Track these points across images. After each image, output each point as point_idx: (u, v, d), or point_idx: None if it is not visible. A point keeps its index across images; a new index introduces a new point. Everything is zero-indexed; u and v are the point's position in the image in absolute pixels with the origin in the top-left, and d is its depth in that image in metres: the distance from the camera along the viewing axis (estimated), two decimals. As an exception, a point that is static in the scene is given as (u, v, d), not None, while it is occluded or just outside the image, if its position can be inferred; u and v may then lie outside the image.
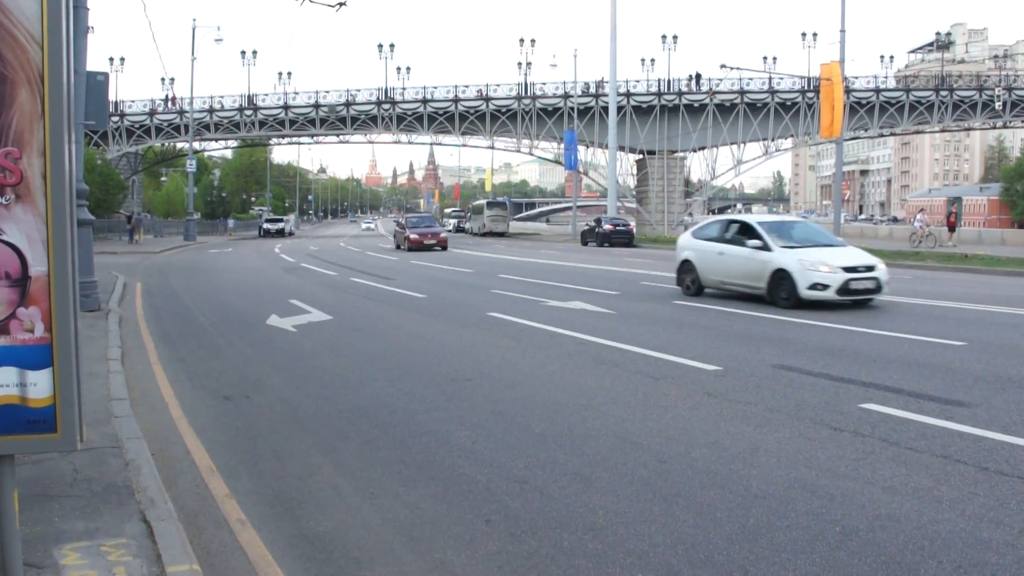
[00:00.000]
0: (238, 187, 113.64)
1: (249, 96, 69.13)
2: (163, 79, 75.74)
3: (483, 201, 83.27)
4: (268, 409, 8.10)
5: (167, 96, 67.89)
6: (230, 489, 5.80)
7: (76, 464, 5.88)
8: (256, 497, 5.68)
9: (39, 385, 3.44)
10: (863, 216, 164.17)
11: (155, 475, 5.71)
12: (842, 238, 21.79)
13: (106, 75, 15.89)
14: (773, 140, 68.62)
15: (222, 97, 69.72)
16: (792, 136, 69.47)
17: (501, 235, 72.51)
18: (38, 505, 5.09)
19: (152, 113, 67.75)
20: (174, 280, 24.41)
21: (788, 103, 67.30)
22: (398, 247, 44.29)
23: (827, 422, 7.16)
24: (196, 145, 68.33)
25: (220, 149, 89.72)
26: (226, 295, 19.81)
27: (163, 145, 75.01)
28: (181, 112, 67.11)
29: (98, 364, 9.56)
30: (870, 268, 15.35)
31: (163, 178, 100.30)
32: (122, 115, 66.34)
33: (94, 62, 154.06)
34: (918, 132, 79.29)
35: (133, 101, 68.82)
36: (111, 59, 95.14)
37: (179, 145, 76.71)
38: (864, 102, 67.59)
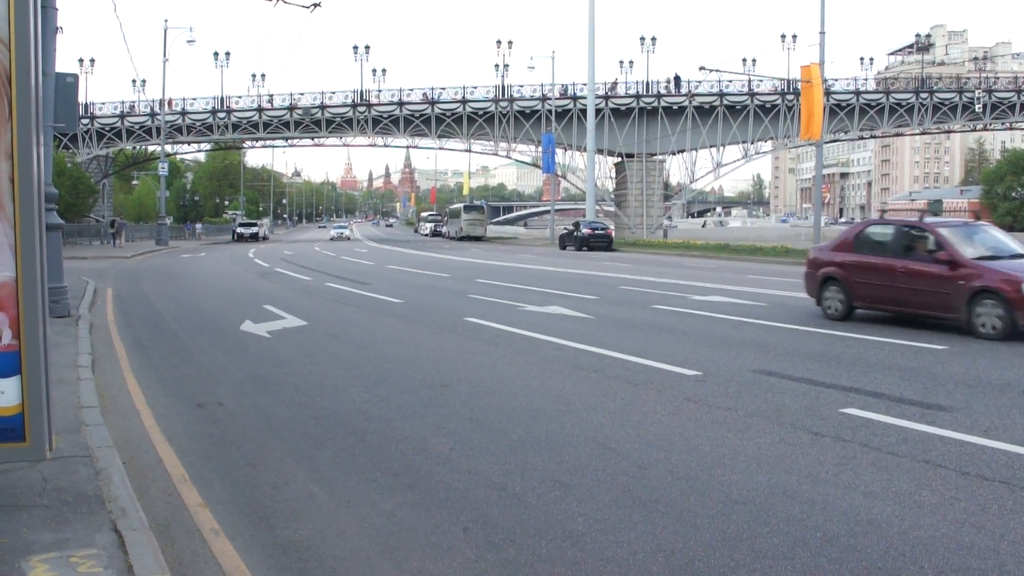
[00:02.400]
0: (211, 191, 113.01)
1: (222, 98, 68.81)
2: (134, 81, 75.04)
3: (460, 205, 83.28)
4: (242, 416, 8.06)
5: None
6: (203, 498, 5.77)
7: (45, 473, 5.83)
8: (230, 506, 5.65)
9: (7, 393, 3.42)
10: (843, 219, 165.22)
11: (126, 484, 5.67)
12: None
13: (76, 76, 15.75)
14: (753, 143, 69.11)
15: (194, 99, 69.36)
16: (772, 139, 69.91)
17: (478, 239, 72.49)
18: (6, 515, 5.04)
19: (123, 115, 67.27)
20: (146, 285, 24.23)
21: (768, 105, 67.84)
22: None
23: (808, 427, 7.20)
24: (168, 148, 67.92)
25: (193, 152, 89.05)
26: (199, 300, 19.69)
27: (134, 148, 74.46)
28: (153, 114, 66.67)
29: (68, 371, 9.48)
30: None
31: (134, 181, 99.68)
32: (92, 117, 65.83)
33: (63, 63, 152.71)
34: (898, 135, 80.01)
35: (104, 103, 68.26)
36: (81, 60, 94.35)
37: (151, 148, 76.16)
38: (844, 104, 68.16)
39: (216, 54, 68.98)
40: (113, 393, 9.11)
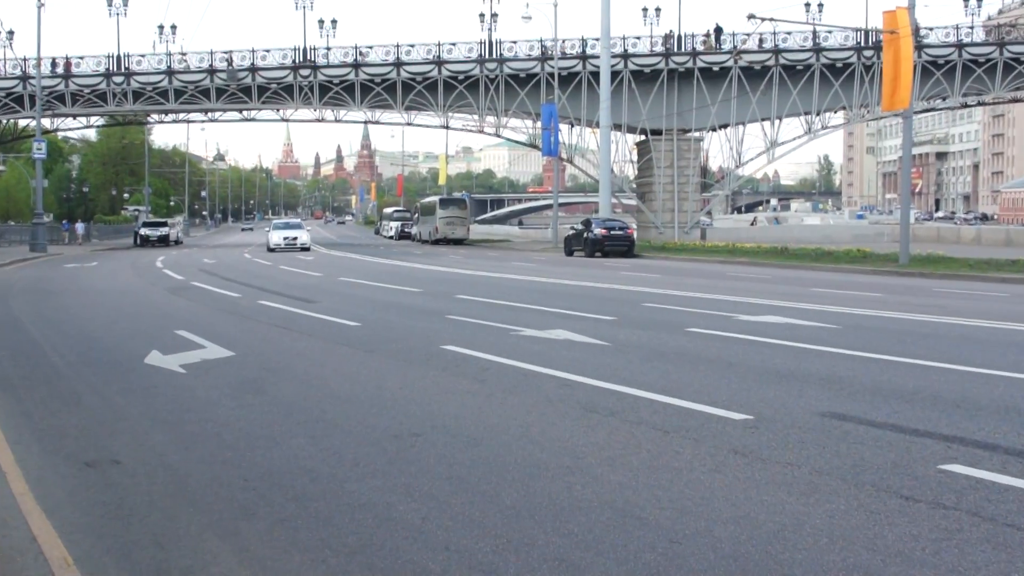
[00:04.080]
0: (105, 180, 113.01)
1: (119, 57, 68.78)
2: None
3: (435, 198, 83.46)
4: (146, 479, 8.01)
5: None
6: (93, 588, 5.73)
7: None
8: (129, 598, 5.61)
9: None
10: (940, 213, 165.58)
11: (-9, 570, 5.62)
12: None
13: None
14: (819, 114, 69.17)
15: (82, 58, 69.26)
16: (844, 108, 70.05)
17: (459, 242, 72.61)
18: None
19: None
20: (16, 305, 24.12)
21: (839, 65, 67.83)
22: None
23: (896, 489, 7.19)
24: (46, 123, 67.95)
25: (80, 128, 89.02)
26: (89, 325, 19.60)
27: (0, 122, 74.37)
28: (24, 78, 66.52)
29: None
30: None
31: (0, 167, 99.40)
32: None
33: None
34: (1016, 100, 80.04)
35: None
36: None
37: (22, 123, 76.02)
38: (942, 61, 67.70)
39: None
40: (-28, 449, 9.05)
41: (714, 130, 70.76)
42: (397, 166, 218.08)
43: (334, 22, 70.51)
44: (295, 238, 62.63)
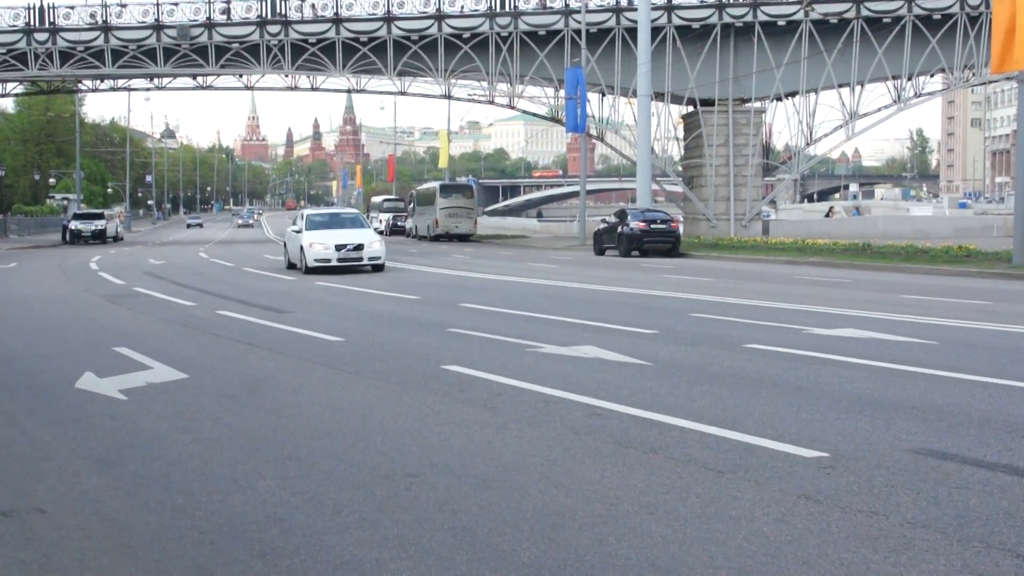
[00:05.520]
0: (26, 161, 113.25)
1: (41, 8, 68.93)
2: None
3: (435, 184, 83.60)
4: (77, 531, 8.01)
5: None
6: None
7: None
8: None
9: None
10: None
11: None
12: None
13: None
14: (910, 79, 68.95)
15: (-5, 11, 69.42)
16: (942, 71, 69.77)
17: (464, 238, 72.80)
18: None
19: None
20: (-85, 316, 24.20)
21: (936, 17, 67.51)
22: None
23: (1010, 546, 7.15)
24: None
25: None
26: (6, 340, 19.66)
27: None
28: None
29: None
30: None
31: None
32: None
33: None
34: None
35: None
36: None
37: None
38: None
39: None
40: None
41: (779, 99, 70.64)
42: (388, 145, 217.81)
43: (309, -33, 70.68)
44: (359, 246, 38.89)
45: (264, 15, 68.82)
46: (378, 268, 38.63)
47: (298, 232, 39.97)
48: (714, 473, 9.11)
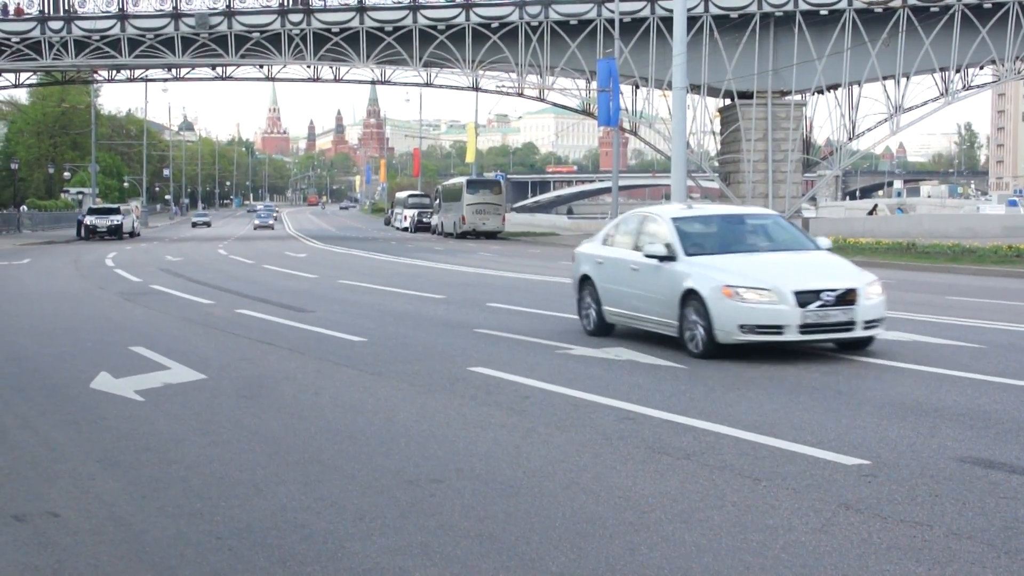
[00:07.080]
0: (40, 154, 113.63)
1: (57, -1, 69.07)
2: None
3: (461, 179, 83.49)
4: (91, 536, 8.01)
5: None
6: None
7: None
8: None
9: None
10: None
11: None
12: None
13: None
14: (959, 71, 68.52)
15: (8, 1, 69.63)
16: (993, 63, 69.33)
17: (492, 236, 72.73)
18: None
19: None
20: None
21: (987, 5, 66.93)
22: None
23: (1059, 557, 7.09)
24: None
25: (7, 88, 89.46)
26: (19, 340, 19.72)
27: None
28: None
29: None
30: None
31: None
32: None
33: None
34: None
35: None
36: None
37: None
38: None
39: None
40: None
41: (820, 92, 70.37)
42: (413, 138, 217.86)
43: (333, -45, 70.68)
44: (844, 296, 15.74)
45: (286, 3, 68.76)
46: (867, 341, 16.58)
47: (663, 259, 16.97)
48: (750, 480, 9.07)
